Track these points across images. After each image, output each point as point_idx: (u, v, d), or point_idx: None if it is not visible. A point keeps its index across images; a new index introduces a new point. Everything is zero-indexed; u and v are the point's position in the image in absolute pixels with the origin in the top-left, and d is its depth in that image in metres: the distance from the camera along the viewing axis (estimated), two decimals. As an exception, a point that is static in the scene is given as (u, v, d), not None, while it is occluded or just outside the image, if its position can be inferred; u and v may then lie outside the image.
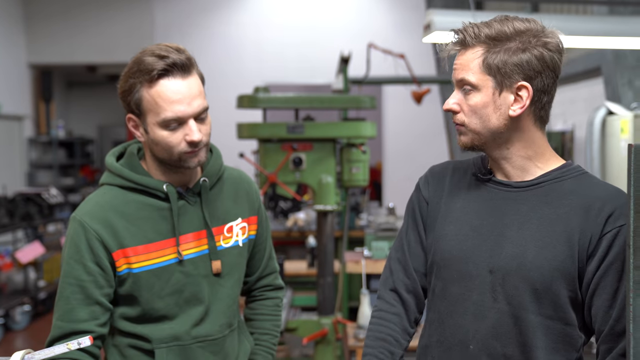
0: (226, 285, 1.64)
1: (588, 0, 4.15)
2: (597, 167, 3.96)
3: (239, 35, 8.84)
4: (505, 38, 1.34)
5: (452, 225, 1.46)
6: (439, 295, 1.46)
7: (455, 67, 1.40)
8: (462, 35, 1.37)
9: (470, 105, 1.38)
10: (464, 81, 1.38)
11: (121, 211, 1.54)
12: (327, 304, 3.63)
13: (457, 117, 1.41)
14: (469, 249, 1.41)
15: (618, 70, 4.22)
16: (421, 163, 1.62)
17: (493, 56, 1.34)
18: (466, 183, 1.50)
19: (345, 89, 5.01)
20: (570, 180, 1.39)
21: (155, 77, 1.46)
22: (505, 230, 1.39)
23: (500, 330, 1.37)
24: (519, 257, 1.36)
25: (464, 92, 1.39)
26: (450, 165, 1.57)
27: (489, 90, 1.36)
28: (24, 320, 6.28)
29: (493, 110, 1.37)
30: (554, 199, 1.38)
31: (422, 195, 1.55)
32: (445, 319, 1.44)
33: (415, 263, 1.54)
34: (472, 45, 1.36)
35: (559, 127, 5.74)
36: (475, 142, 1.41)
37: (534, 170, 1.41)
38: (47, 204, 6.81)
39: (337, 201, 3.54)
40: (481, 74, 1.36)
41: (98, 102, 11.07)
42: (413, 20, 8.43)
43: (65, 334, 1.49)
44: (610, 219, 1.32)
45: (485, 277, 1.39)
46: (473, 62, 1.36)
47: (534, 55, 1.33)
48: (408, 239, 1.56)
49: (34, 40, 8.88)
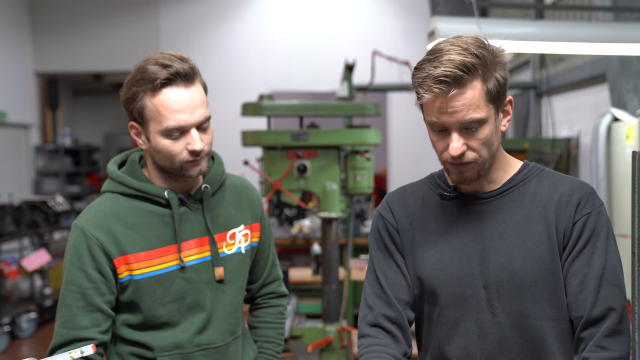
0: (229, 292, 1.64)
1: (593, 7, 4.14)
2: (602, 173, 3.94)
3: (244, 43, 8.87)
4: (485, 61, 1.29)
5: (431, 250, 1.41)
6: (436, 321, 1.42)
7: (455, 109, 1.28)
8: (459, 72, 1.26)
9: (480, 140, 1.32)
10: (472, 121, 1.29)
11: (123, 218, 1.54)
12: (332, 312, 3.62)
13: (467, 156, 1.32)
14: (457, 270, 1.38)
15: (623, 76, 4.21)
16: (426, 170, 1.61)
17: (489, 83, 1.30)
18: (432, 204, 1.45)
19: (349, 97, 5.01)
20: (534, 181, 1.40)
21: (159, 86, 1.46)
22: (486, 242, 1.37)
23: (505, 345, 1.35)
24: (507, 266, 1.35)
25: (467, 131, 1.31)
26: (407, 189, 1.51)
27: (492, 118, 1.33)
28: (30, 328, 6.29)
29: (495, 134, 1.34)
30: (526, 202, 1.38)
31: (389, 223, 1.47)
32: (445, 345, 1.41)
33: (396, 292, 1.44)
34: (469, 81, 1.28)
35: (564, 133, 5.73)
36: (480, 173, 1.36)
37: (501, 177, 1.41)
38: (53, 211, 6.83)
39: (342, 208, 3.53)
40: (486, 106, 1.30)
41: (104, 110, 11.11)
42: (417, 27, 8.44)
43: (67, 342, 1.49)
44: (578, 208, 1.34)
45: (481, 294, 1.37)
46: (476, 97, 1.28)
47: (504, 67, 1.33)
48: (383, 270, 1.46)
49: (41, 48, 8.93)
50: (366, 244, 5.46)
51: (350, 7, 8.87)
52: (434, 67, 1.28)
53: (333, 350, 3.57)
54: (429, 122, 1.34)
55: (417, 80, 1.31)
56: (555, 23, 4.20)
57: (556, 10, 5.83)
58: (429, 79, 1.28)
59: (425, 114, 1.35)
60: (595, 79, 5.03)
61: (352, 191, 3.54)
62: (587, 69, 5.07)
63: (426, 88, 1.29)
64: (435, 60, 1.29)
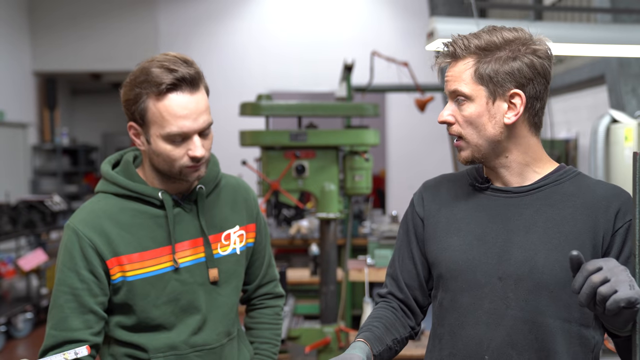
0: (223, 294, 1.63)
1: (592, 9, 4.14)
2: (601, 175, 3.94)
3: (242, 43, 8.86)
4: (495, 48, 1.36)
5: (455, 236, 1.45)
6: (448, 308, 1.44)
7: (447, 79, 1.41)
8: (452, 47, 1.39)
9: (464, 116, 1.39)
10: (457, 92, 1.39)
11: (116, 219, 1.53)
12: (330, 313, 3.61)
13: (453, 128, 1.42)
14: (474, 257, 1.40)
15: (622, 78, 4.21)
16: (425, 171, 1.61)
17: (484, 66, 1.36)
18: (464, 193, 1.50)
19: (348, 97, 5.00)
20: (568, 182, 1.42)
21: (164, 90, 1.44)
22: (511, 236, 1.39)
23: (515, 338, 1.36)
24: (530, 261, 1.35)
25: (457, 103, 1.41)
26: (444, 178, 1.58)
27: (482, 100, 1.38)
28: (26, 328, 6.27)
29: (488, 119, 1.38)
30: (557, 201, 1.39)
31: (416, 212, 1.55)
32: (456, 331, 1.42)
33: (406, 278, 1.54)
34: (462, 57, 1.38)
35: (562, 135, 5.72)
36: (476, 155, 1.42)
37: (532, 175, 1.43)
38: (50, 211, 6.81)
39: (340, 209, 3.52)
40: (474, 84, 1.37)
41: (102, 110, 11.09)
42: (416, 28, 8.44)
43: (58, 343, 1.48)
44: (619, 214, 1.35)
45: (495, 284, 1.38)
46: (465, 73, 1.38)
47: (524, 63, 1.35)
48: (401, 254, 1.57)
49: (39, 48, 8.91)
50: (364, 245, 5.45)
51: (349, 7, 8.86)
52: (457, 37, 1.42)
53: (331, 352, 3.56)
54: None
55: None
56: (554, 24, 4.19)
57: (555, 12, 5.83)
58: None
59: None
60: (594, 80, 5.03)
61: (350, 192, 3.54)
62: (586, 71, 5.07)
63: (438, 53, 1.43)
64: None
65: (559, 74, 5.76)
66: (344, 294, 4.00)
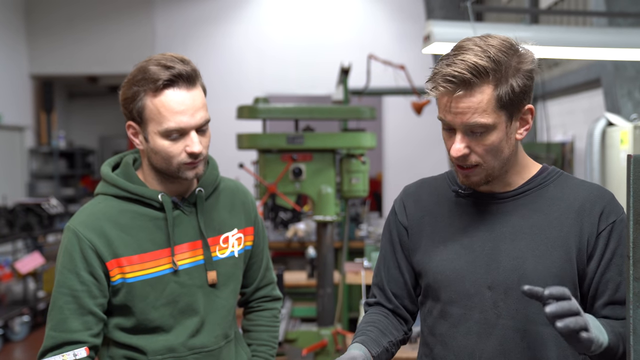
0: (221, 296, 1.63)
1: (588, 12, 4.16)
2: (597, 178, 3.96)
3: (239, 46, 8.87)
4: (501, 67, 1.25)
5: (440, 245, 1.42)
6: (438, 317, 1.42)
7: (459, 111, 1.27)
8: (465, 74, 1.24)
9: (486, 146, 1.30)
10: (476, 125, 1.27)
11: (115, 221, 1.53)
12: (327, 315, 3.61)
13: (470, 159, 1.31)
14: (462, 267, 1.38)
15: (618, 81, 4.23)
16: (422, 174, 1.62)
17: (502, 90, 1.26)
18: (446, 199, 1.45)
19: (345, 100, 5.01)
20: (552, 185, 1.39)
21: (161, 86, 1.46)
22: (498, 243, 1.36)
23: (507, 347, 1.34)
24: (519, 269, 1.33)
25: (473, 134, 1.29)
26: (424, 182, 1.53)
27: (502, 125, 1.29)
28: (23, 331, 6.26)
29: (505, 142, 1.31)
30: (543, 206, 1.37)
31: (399, 221, 1.50)
32: (448, 342, 1.40)
33: (393, 288, 1.52)
34: (478, 85, 1.25)
35: (558, 138, 5.74)
36: (489, 178, 1.35)
37: (516, 179, 1.40)
38: (47, 214, 6.80)
39: (337, 212, 3.53)
40: (495, 112, 1.27)
41: (99, 113, 11.08)
42: (413, 31, 8.46)
43: (58, 345, 1.48)
44: (602, 217, 1.33)
45: (484, 294, 1.36)
46: (484, 102, 1.26)
47: (527, 76, 1.29)
48: (386, 263, 1.53)
49: (36, 51, 8.91)
50: (361, 248, 5.46)
51: (346, 11, 8.88)
52: (447, 65, 1.27)
53: (327, 354, 3.56)
54: (439, 118, 1.34)
55: (431, 73, 1.31)
56: (550, 28, 4.21)
57: (551, 15, 5.85)
58: (439, 75, 1.27)
59: (438, 109, 1.34)
60: (589, 83, 5.05)
61: (347, 194, 3.54)
62: (582, 74, 5.09)
63: (434, 84, 1.29)
64: (452, 57, 1.27)
65: (554, 77, 5.78)
66: (341, 297, 4.01)
